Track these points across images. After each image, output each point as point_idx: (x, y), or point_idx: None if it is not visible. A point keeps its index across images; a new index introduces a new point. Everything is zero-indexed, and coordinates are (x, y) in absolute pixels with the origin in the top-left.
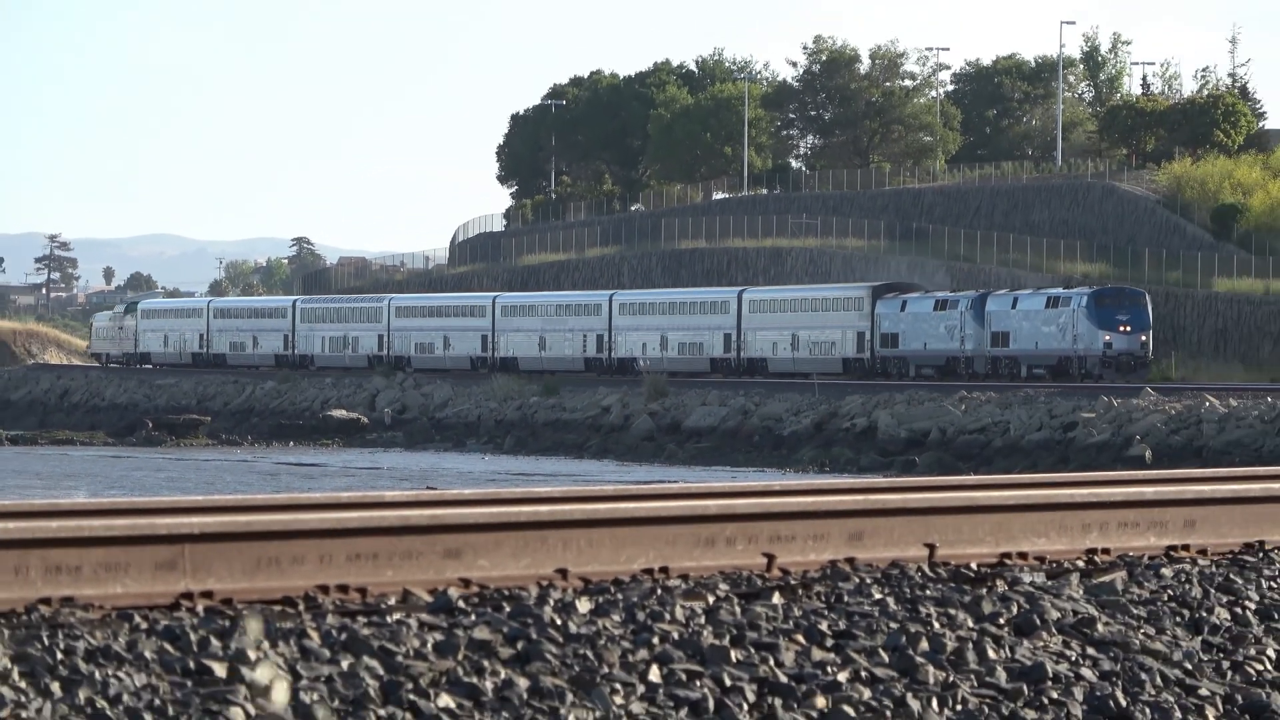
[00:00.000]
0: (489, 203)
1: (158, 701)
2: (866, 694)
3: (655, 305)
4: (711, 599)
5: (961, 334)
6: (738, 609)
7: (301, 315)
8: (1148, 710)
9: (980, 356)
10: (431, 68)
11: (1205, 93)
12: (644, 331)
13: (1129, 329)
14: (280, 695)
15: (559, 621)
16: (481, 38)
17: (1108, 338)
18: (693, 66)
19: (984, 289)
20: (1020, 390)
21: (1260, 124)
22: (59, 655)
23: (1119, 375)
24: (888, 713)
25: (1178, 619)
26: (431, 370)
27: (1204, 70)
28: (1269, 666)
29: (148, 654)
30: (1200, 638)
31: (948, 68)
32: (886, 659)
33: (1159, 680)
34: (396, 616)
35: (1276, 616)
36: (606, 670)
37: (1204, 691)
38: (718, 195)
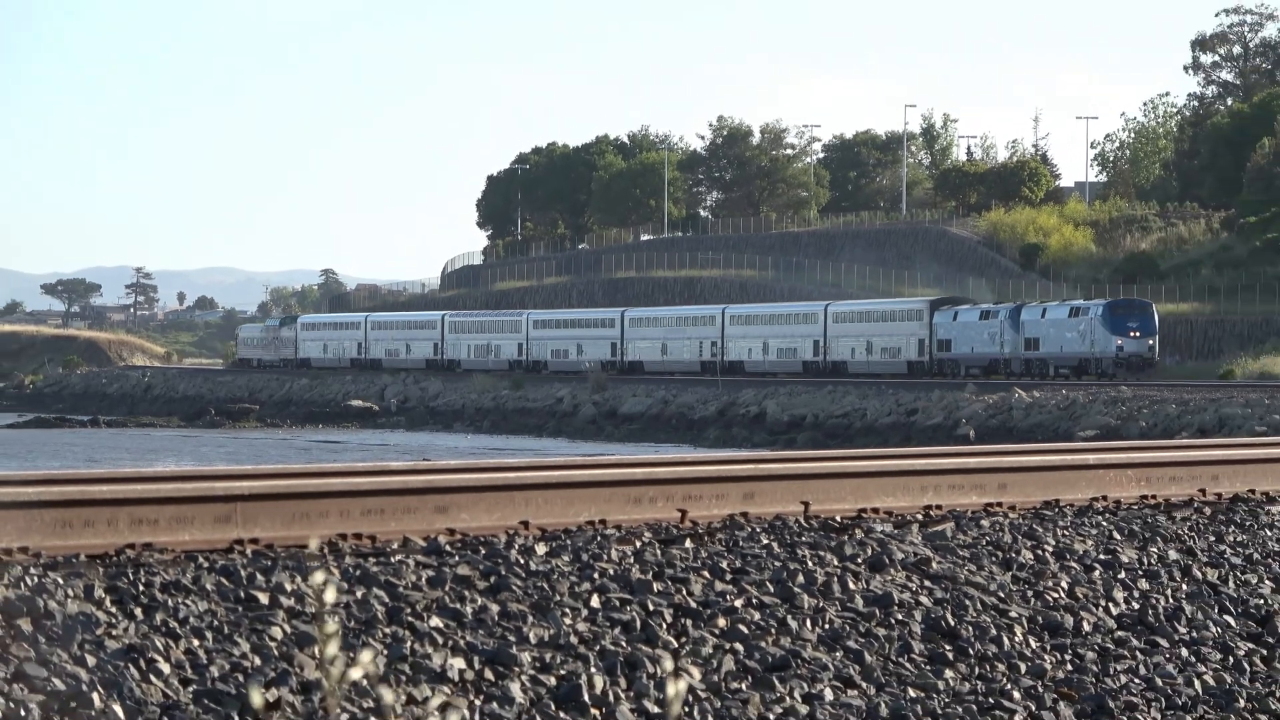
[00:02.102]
0: (471, 242)
1: (215, 622)
2: (757, 616)
3: (758, 317)
4: (638, 544)
5: (1001, 339)
6: (658, 551)
7: (450, 327)
8: (971, 628)
9: (1016, 358)
10: (429, 138)
11: (1014, 159)
12: (749, 339)
13: (1138, 334)
14: (329, 595)
15: (522, 561)
16: (466, 117)
17: (1119, 342)
18: (625, 139)
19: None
20: (875, 383)
21: (1056, 182)
22: (141, 587)
23: (1129, 374)
24: (773, 629)
25: (993, 559)
26: (566, 373)
27: (1013, 141)
28: (1063, 595)
29: (208, 586)
30: (1010, 573)
31: (819, 140)
32: (772, 589)
33: (979, 605)
34: (398, 557)
35: (1068, 556)
36: (558, 598)
37: (1013, 614)
38: (644, 236)
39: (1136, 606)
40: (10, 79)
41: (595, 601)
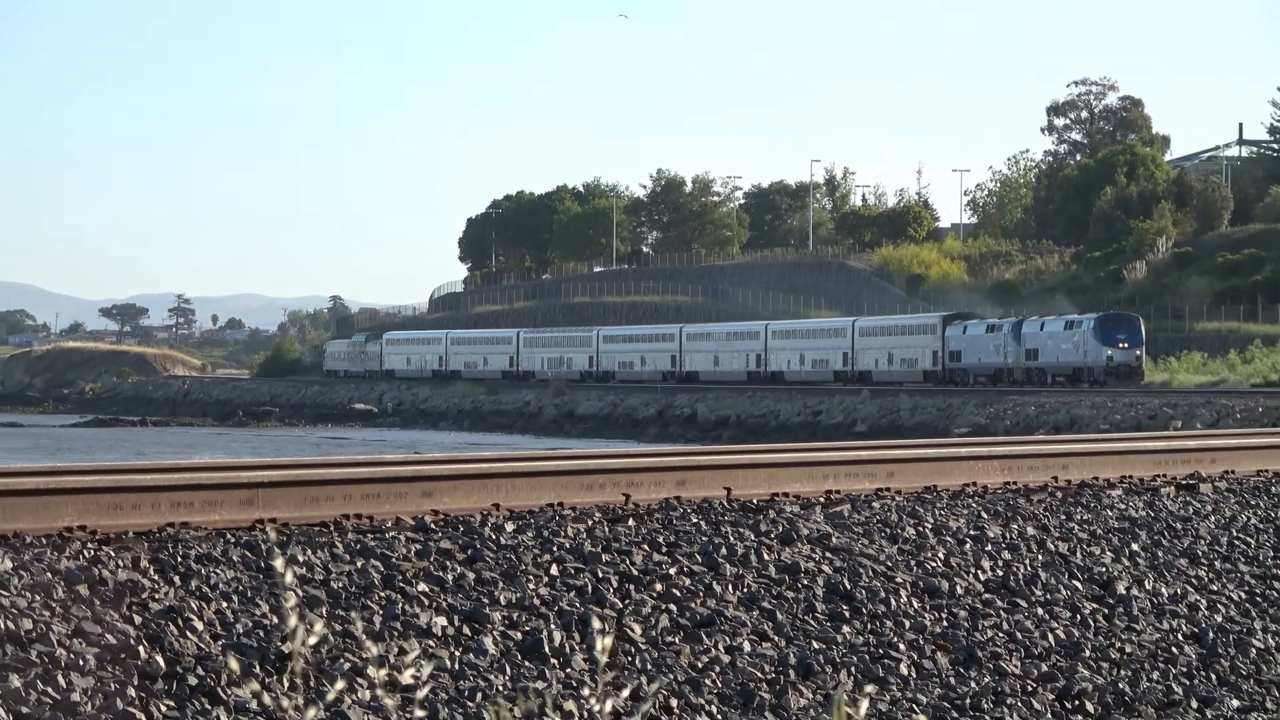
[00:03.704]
0: (453, 273)
1: (240, 587)
2: (687, 581)
3: (796, 332)
4: (590, 522)
5: (1005, 350)
6: (606, 528)
7: (525, 342)
8: (863, 591)
9: (1018, 368)
10: (418, 186)
11: (901, 204)
12: (788, 352)
13: (1126, 345)
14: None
15: (494, 537)
16: (449, 169)
17: (1109, 353)
18: (581, 188)
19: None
20: (788, 390)
21: (935, 224)
22: (179, 559)
23: (1119, 382)
24: (700, 593)
25: (882, 534)
26: (632, 382)
27: (901, 190)
28: (940, 564)
29: (234, 558)
30: (896, 546)
31: (740, 188)
32: (700, 560)
33: (871, 572)
34: (391, 534)
35: (944, 532)
36: (524, 567)
37: (899, 579)
38: (597, 268)
39: (1000, 573)
40: (78, 144)
41: (554, 570)
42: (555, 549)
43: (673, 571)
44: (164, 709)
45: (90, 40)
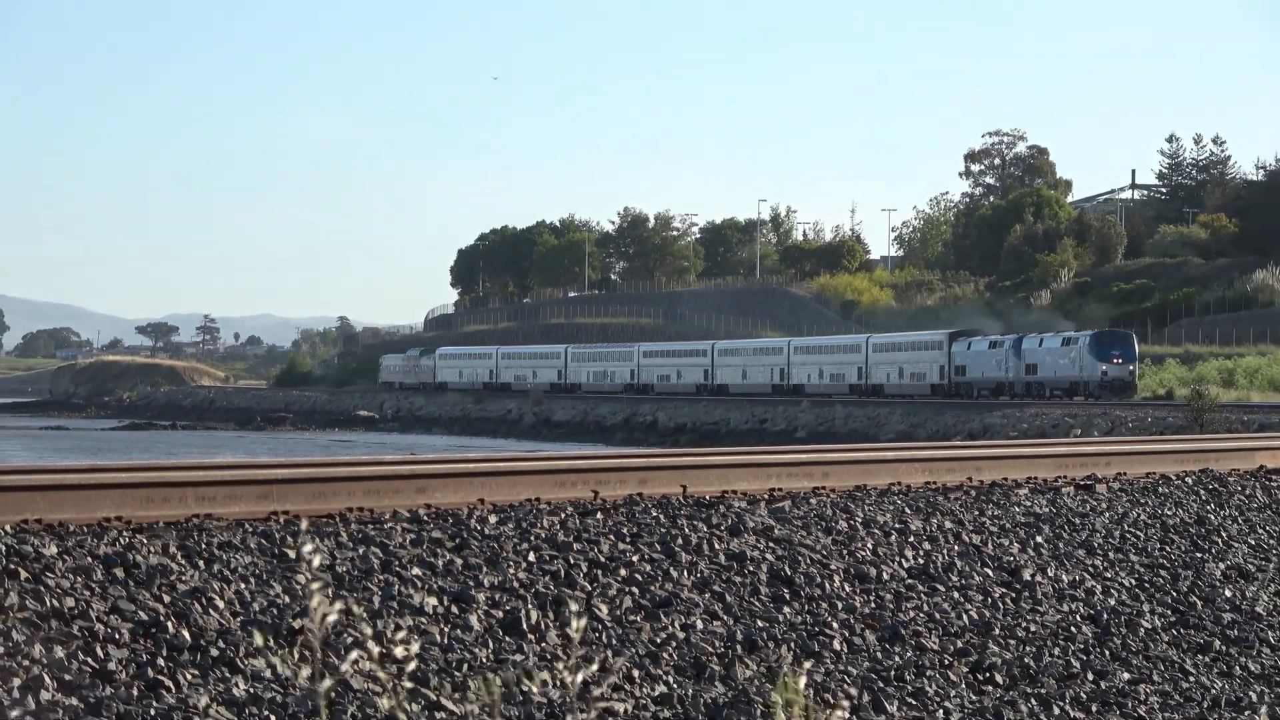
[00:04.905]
0: (446, 297)
1: (257, 570)
2: (648, 567)
3: (816, 348)
4: (563, 515)
5: (1006, 365)
6: (578, 521)
7: (572, 356)
8: (802, 576)
9: (1019, 381)
10: (418, 221)
11: (837, 239)
12: (808, 366)
13: (1120, 361)
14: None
15: (479, 528)
16: (443, 205)
17: (1104, 368)
18: (558, 223)
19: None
20: (737, 400)
21: (867, 256)
22: (203, 545)
23: (1113, 395)
24: (659, 577)
25: (819, 526)
26: (669, 394)
27: (836, 226)
28: (869, 553)
29: (252, 545)
30: (831, 537)
31: (697, 224)
32: (659, 548)
33: (809, 560)
34: (389, 525)
35: (873, 525)
36: (505, 554)
37: (833, 566)
38: (571, 294)
39: (921, 561)
40: (119, 184)
41: (531, 557)
42: (533, 538)
43: (635, 559)
44: (189, 677)
45: (133, 111)
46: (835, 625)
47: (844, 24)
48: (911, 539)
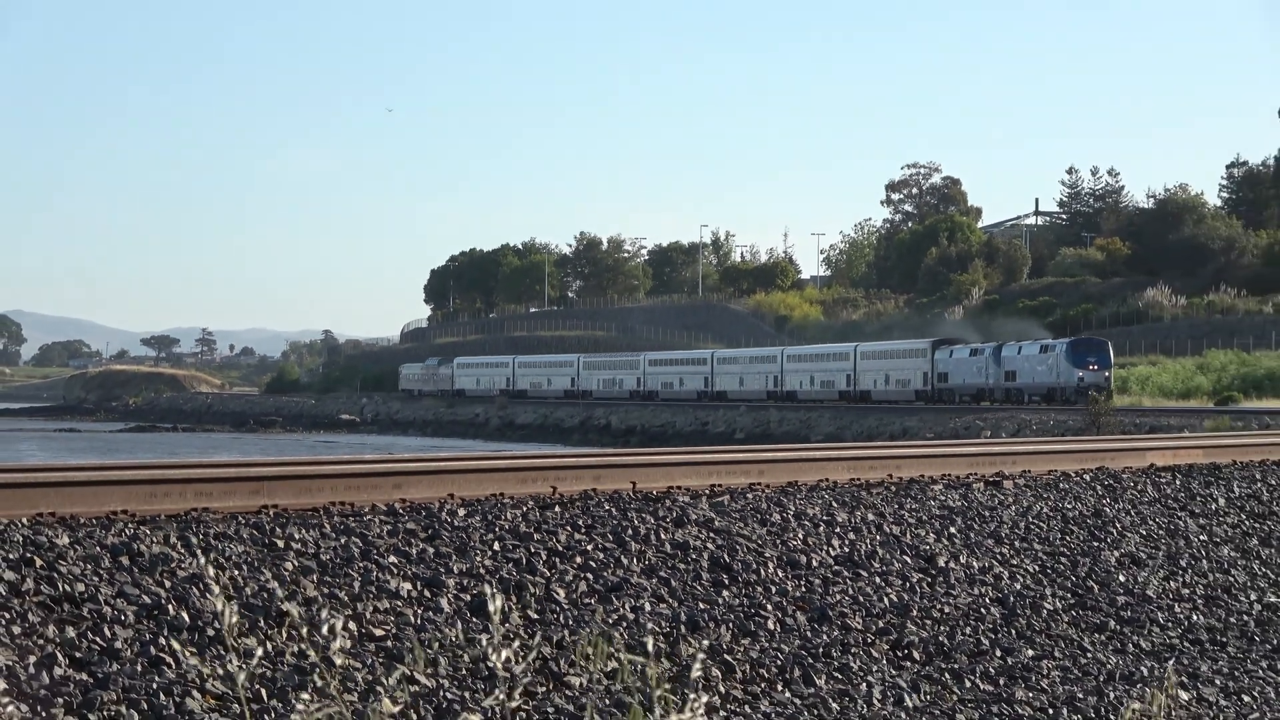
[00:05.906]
0: (420, 311)
1: (249, 558)
2: (601, 555)
3: (806, 356)
4: (525, 509)
5: (986, 372)
6: (538, 513)
7: (583, 365)
8: (739, 564)
9: (998, 387)
10: (394, 243)
11: (771, 260)
12: (800, 374)
13: (1096, 367)
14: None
15: (449, 520)
16: (417, 230)
17: (1080, 374)
18: (520, 246)
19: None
20: (679, 404)
21: (798, 276)
22: (200, 536)
23: (1089, 401)
24: (611, 564)
25: (755, 519)
26: (672, 400)
27: (771, 249)
28: (800, 542)
29: (244, 535)
30: (765, 528)
31: (645, 247)
32: (612, 539)
33: (746, 549)
34: (368, 517)
35: (803, 517)
36: (472, 544)
37: (768, 554)
38: (532, 310)
39: (847, 550)
40: (126, 208)
41: (496, 546)
42: (497, 529)
43: (590, 548)
44: (188, 654)
45: (140, 147)
46: (769, 607)
47: (778, 66)
48: (838, 530)
